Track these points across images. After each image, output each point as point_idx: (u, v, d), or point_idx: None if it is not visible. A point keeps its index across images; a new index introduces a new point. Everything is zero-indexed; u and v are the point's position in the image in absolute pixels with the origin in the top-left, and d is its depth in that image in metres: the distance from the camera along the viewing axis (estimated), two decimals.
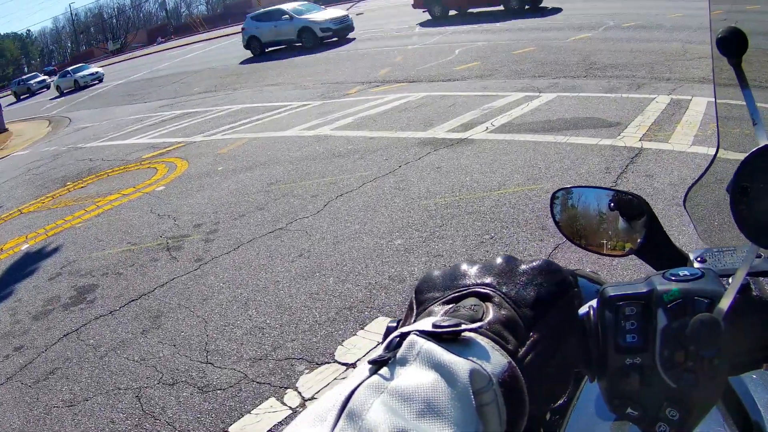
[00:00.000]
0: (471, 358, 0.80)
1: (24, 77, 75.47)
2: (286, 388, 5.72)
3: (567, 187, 1.72)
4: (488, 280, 0.97)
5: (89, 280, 9.40)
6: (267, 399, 5.63)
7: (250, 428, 5.35)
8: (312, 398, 5.45)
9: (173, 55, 59.12)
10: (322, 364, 5.96)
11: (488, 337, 0.85)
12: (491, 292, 0.94)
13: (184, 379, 6.29)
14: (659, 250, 1.46)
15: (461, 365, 0.77)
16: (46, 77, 72.62)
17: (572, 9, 29.80)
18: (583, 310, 1.05)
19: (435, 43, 28.16)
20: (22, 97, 67.03)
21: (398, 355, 0.79)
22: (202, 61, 44.11)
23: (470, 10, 34.68)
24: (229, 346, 6.67)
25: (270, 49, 39.06)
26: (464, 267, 1.01)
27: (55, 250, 11.22)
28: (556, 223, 1.73)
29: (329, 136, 14.68)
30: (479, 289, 0.95)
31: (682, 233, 6.66)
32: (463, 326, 0.83)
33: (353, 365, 5.79)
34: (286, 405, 5.48)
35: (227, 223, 10.26)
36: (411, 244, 8.10)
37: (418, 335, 0.81)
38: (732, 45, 1.04)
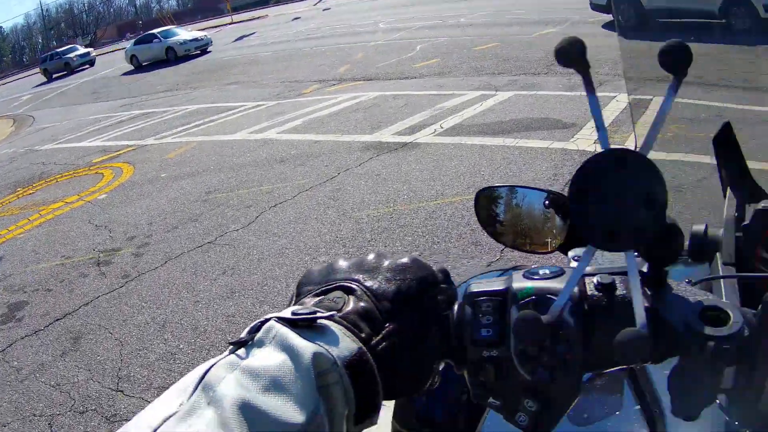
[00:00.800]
0: (319, 342, 0.86)
1: (60, 50, 62.42)
2: None
3: (492, 186, 1.77)
4: (355, 275, 1.04)
5: (21, 297, 9.23)
6: None
7: None
8: None
9: None
10: None
11: (342, 325, 0.92)
12: (355, 286, 1.01)
13: (93, 408, 6.15)
14: (581, 245, 1.41)
15: (306, 348, 0.84)
16: (90, 49, 62.94)
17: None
18: (456, 305, 1.07)
19: (397, 39, 28.18)
20: (55, 76, 57.32)
21: (256, 337, 0.86)
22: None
23: None
24: (141, 372, 6.52)
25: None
26: (339, 263, 1.08)
27: None
28: (481, 221, 1.80)
29: (275, 140, 14.55)
30: (345, 283, 1.02)
31: None
32: (318, 314, 0.90)
33: None
34: None
35: (159, 236, 10.10)
36: None
37: (276, 321, 0.87)
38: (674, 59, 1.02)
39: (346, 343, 0.90)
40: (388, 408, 2.18)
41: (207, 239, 9.46)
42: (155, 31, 44.63)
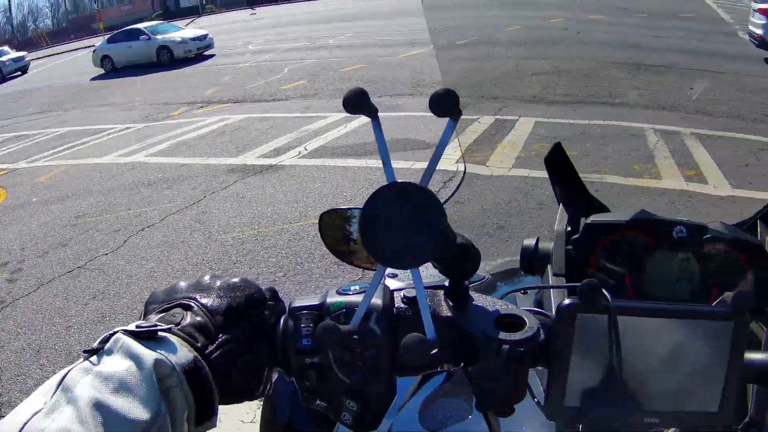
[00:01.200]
0: (159, 351, 1.02)
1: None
2: None
3: (335, 209, 1.96)
4: (192, 294, 1.19)
5: None
6: None
7: None
8: None
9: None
10: None
11: (179, 336, 1.07)
12: (192, 303, 1.16)
13: None
14: None
15: (148, 356, 1.00)
16: (23, 53, 52.12)
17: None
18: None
19: (266, 61, 28.16)
20: None
21: (106, 347, 1.02)
22: (42, 78, 42.64)
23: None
24: (21, 398, 6.21)
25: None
26: (179, 284, 1.23)
27: None
28: (326, 243, 1.98)
29: (143, 163, 14.49)
30: (183, 301, 1.17)
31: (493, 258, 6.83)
32: (158, 327, 1.06)
33: None
34: None
35: (32, 261, 10.07)
36: None
37: (123, 333, 1.04)
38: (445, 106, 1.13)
39: (183, 352, 1.05)
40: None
41: (77, 264, 9.47)
42: (141, 25, 39.08)
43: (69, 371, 0.99)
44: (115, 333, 1.05)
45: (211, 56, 34.91)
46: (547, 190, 4.92)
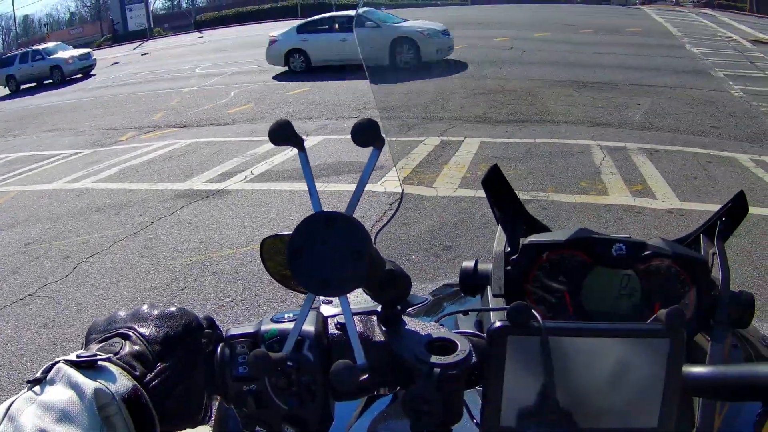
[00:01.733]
0: (99, 380, 1.04)
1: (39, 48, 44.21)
2: None
3: (279, 234, 1.93)
4: (131, 323, 1.20)
5: None
6: None
7: None
8: None
9: None
10: None
11: (118, 365, 1.09)
12: (130, 333, 1.17)
13: None
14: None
15: (88, 385, 1.02)
16: (89, 50, 46.75)
17: None
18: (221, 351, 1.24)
19: (212, 85, 28.10)
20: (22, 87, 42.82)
21: (48, 377, 1.04)
22: None
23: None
24: None
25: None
26: (119, 314, 1.25)
27: None
28: (267, 268, 1.98)
29: (91, 189, 14.34)
30: (122, 331, 1.18)
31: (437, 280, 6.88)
32: (98, 356, 1.08)
33: None
34: None
35: None
36: None
37: (64, 363, 1.06)
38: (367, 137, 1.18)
39: (122, 381, 1.07)
40: None
41: (27, 292, 9.37)
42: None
43: (14, 401, 1.02)
44: (56, 363, 1.07)
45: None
46: (489, 210, 4.91)
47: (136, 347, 1.16)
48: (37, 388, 1.05)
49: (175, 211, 11.73)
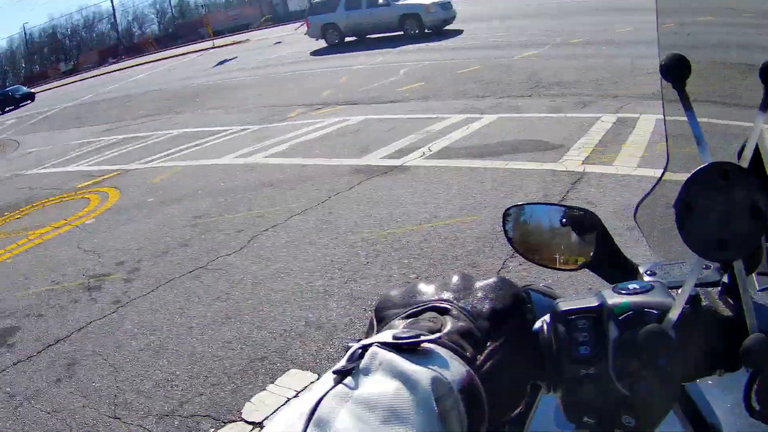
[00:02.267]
0: (431, 366, 0.82)
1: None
2: None
3: (519, 204, 1.71)
4: (445, 295, 1.00)
5: (11, 322, 9.03)
6: None
7: None
8: None
9: (122, 76, 58.88)
10: (228, 422, 5.62)
11: (447, 347, 0.88)
12: (449, 306, 0.97)
13: None
14: (611, 264, 1.44)
15: (423, 374, 0.80)
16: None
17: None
18: (537, 324, 1.07)
19: (381, 63, 28.09)
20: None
21: (361, 365, 0.82)
22: (149, 83, 43.96)
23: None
24: (138, 399, 6.33)
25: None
26: (422, 285, 1.04)
27: None
28: (509, 239, 1.71)
29: (262, 164, 14.42)
30: (437, 304, 0.98)
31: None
32: (423, 337, 0.86)
33: (260, 424, 5.47)
34: None
35: (149, 261, 9.91)
36: (332, 285, 7.75)
37: (379, 346, 0.84)
38: (675, 71, 1.05)
39: (456, 366, 0.86)
40: None
41: (198, 264, 9.29)
42: None
43: (322, 399, 0.78)
44: (367, 347, 0.86)
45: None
46: (669, 184, 4.44)
47: (461, 324, 0.95)
48: (349, 380, 0.81)
49: (353, 186, 11.41)
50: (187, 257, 9.69)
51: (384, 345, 0.85)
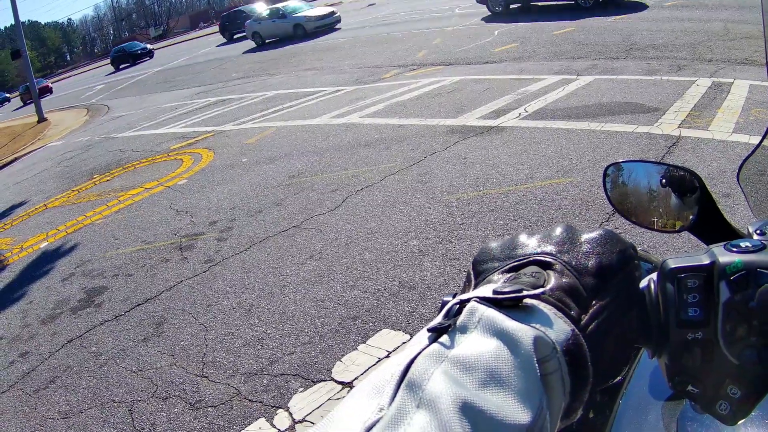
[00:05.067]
0: (534, 324, 0.78)
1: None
2: (278, 407, 5.45)
3: (619, 162, 1.70)
4: (548, 248, 0.95)
5: (100, 282, 9.26)
6: (257, 419, 5.38)
7: None
8: (303, 420, 5.19)
9: (214, 40, 59.34)
10: (317, 382, 5.68)
11: (551, 304, 0.84)
12: (552, 260, 0.92)
13: (177, 394, 6.09)
14: (713, 227, 1.41)
15: (524, 332, 0.76)
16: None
17: None
18: (643, 283, 1.00)
19: (474, 24, 27.84)
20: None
21: (458, 322, 0.78)
22: (242, 46, 44.14)
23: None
24: (227, 358, 6.44)
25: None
26: (523, 237, 0.99)
27: (72, 248, 11.12)
28: (609, 198, 1.72)
29: (358, 124, 14.44)
30: (540, 258, 0.93)
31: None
32: (525, 292, 0.82)
33: (350, 384, 5.51)
34: (275, 427, 5.22)
35: (243, 220, 10.04)
36: (427, 245, 7.76)
37: (478, 302, 0.80)
38: None
39: (560, 325, 0.81)
40: None
41: (292, 223, 9.36)
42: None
43: (412, 361, 0.73)
44: (465, 302, 0.81)
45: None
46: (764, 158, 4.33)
47: (565, 279, 0.89)
48: (445, 339, 0.76)
49: (448, 146, 11.37)
50: (280, 216, 9.77)
51: (483, 300, 0.81)
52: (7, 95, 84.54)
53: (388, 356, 5.69)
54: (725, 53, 13.99)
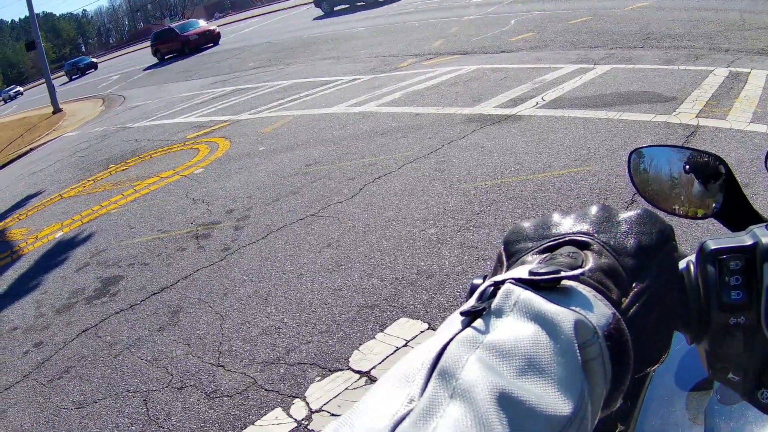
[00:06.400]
0: (573, 308, 0.74)
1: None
2: (295, 397, 5.42)
3: (643, 147, 1.62)
4: (585, 228, 0.91)
5: (115, 271, 9.28)
6: (273, 409, 5.35)
7: None
8: (320, 409, 5.16)
9: (230, 30, 59.53)
10: (334, 371, 5.64)
11: (590, 286, 0.80)
12: (590, 240, 0.88)
13: (192, 383, 6.07)
14: (739, 214, 1.33)
15: (565, 316, 0.72)
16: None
17: None
18: (682, 265, 0.96)
19: (491, 14, 27.88)
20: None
21: (493, 305, 0.73)
22: (258, 36, 44.44)
23: None
24: (243, 347, 6.42)
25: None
26: (557, 216, 0.95)
27: (88, 237, 11.17)
28: (634, 184, 1.66)
29: (375, 112, 14.42)
30: (576, 237, 0.89)
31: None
32: (563, 273, 0.77)
33: (367, 374, 5.48)
34: (291, 417, 5.19)
35: (259, 209, 10.03)
36: (445, 233, 7.71)
37: (513, 284, 0.75)
38: None
39: (600, 308, 0.77)
40: None
41: (309, 212, 9.35)
42: None
43: (445, 347, 0.67)
44: (499, 284, 0.76)
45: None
46: None
47: (604, 260, 0.84)
48: (479, 323, 0.71)
49: (466, 135, 11.32)
50: (297, 205, 9.76)
51: (519, 282, 0.76)
52: (20, 88, 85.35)
53: (406, 345, 5.68)
54: (742, 43, 13.97)
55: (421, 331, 5.85)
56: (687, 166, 1.44)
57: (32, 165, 20.93)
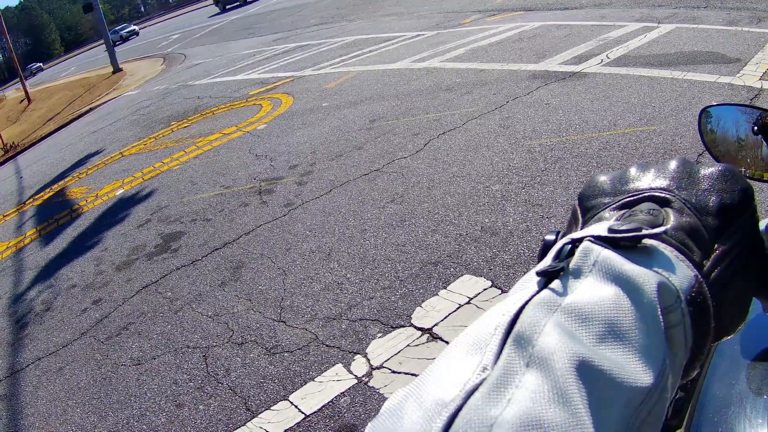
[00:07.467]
0: (656, 269, 0.70)
1: None
2: (355, 353, 5.41)
3: (712, 105, 1.64)
4: (665, 183, 0.85)
5: (177, 227, 9.34)
6: (333, 365, 5.35)
7: (311, 398, 5.10)
8: (381, 366, 5.14)
9: None
10: (396, 327, 5.61)
11: (672, 246, 0.75)
12: (670, 197, 0.83)
13: (253, 339, 6.10)
14: None
15: (648, 278, 0.67)
16: None
17: None
18: (761, 227, 0.88)
19: None
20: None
21: (571, 265, 0.68)
22: None
23: None
24: (305, 302, 6.42)
25: None
26: (634, 170, 0.90)
27: (149, 194, 11.26)
28: (704, 142, 1.69)
29: (439, 68, 14.30)
30: (656, 193, 0.84)
31: None
32: (645, 231, 0.73)
33: (429, 330, 5.43)
34: (352, 373, 5.17)
35: (323, 164, 10.03)
36: (509, 190, 7.63)
37: (592, 241, 0.71)
38: None
39: (683, 270, 0.72)
40: None
41: (373, 167, 9.33)
42: None
43: (521, 309, 0.61)
44: (577, 242, 0.70)
45: None
46: None
47: (686, 219, 0.79)
48: (556, 284, 0.65)
49: (531, 91, 11.20)
50: (361, 160, 9.74)
51: (598, 240, 0.72)
52: (41, 64, 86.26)
53: (469, 302, 5.64)
54: None
55: (485, 289, 5.80)
56: (756, 128, 1.40)
57: (92, 124, 21.22)
